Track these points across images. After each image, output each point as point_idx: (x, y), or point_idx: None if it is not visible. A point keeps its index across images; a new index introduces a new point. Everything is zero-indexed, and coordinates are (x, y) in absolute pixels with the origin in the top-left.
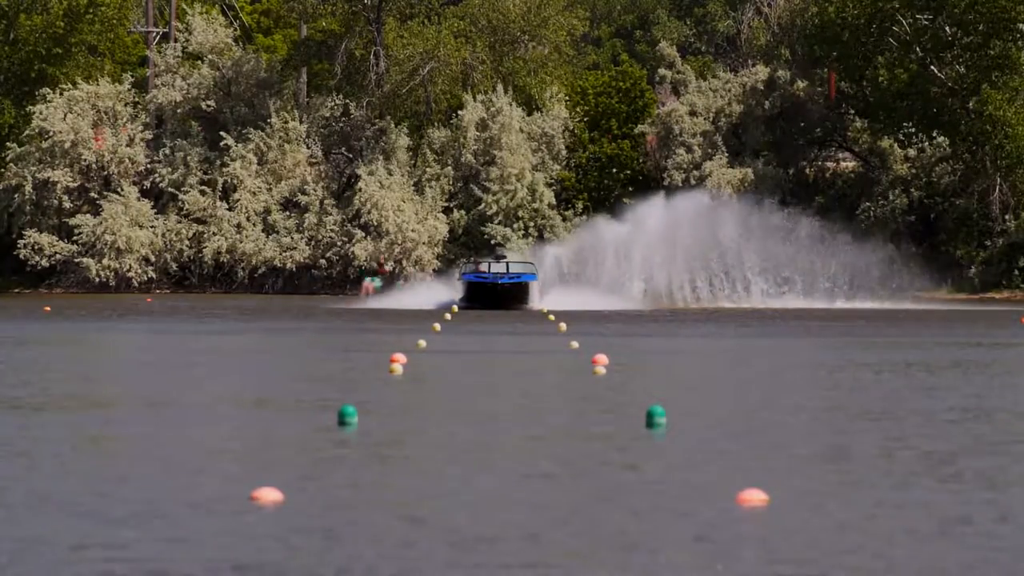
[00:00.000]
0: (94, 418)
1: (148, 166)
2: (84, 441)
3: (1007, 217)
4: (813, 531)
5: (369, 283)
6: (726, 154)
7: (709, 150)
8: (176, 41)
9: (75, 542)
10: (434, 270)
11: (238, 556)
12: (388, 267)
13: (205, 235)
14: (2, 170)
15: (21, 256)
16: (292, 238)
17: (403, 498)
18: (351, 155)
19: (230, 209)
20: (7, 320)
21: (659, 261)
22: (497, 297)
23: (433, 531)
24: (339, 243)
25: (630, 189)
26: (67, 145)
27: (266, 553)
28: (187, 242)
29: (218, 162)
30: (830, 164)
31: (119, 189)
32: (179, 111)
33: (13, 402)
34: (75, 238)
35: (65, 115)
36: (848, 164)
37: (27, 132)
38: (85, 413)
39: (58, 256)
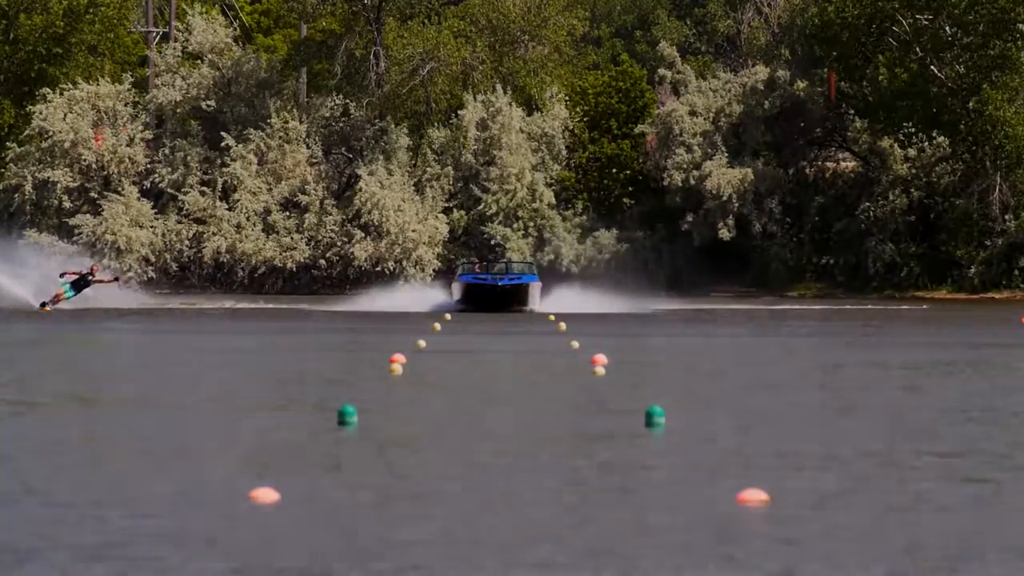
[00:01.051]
0: (92, 418)
1: (148, 166)
2: (81, 441)
3: (1007, 217)
4: (814, 531)
5: (61, 289)
6: (726, 154)
7: (709, 150)
8: (176, 41)
9: (72, 542)
10: (434, 270)
11: (236, 556)
12: (106, 275)
13: (205, 235)
14: (2, 170)
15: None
16: (292, 238)
17: (402, 498)
18: (351, 155)
19: (230, 209)
20: (7, 320)
21: None
22: (496, 299)
23: (433, 531)
24: (339, 243)
25: (630, 189)
26: (67, 145)
27: (264, 553)
28: (187, 242)
29: (218, 162)
30: (830, 164)
31: (119, 189)
32: (179, 111)
33: (11, 402)
34: (75, 238)
35: (65, 115)
36: (848, 164)
37: (27, 132)
38: (83, 413)
39: (58, 256)
